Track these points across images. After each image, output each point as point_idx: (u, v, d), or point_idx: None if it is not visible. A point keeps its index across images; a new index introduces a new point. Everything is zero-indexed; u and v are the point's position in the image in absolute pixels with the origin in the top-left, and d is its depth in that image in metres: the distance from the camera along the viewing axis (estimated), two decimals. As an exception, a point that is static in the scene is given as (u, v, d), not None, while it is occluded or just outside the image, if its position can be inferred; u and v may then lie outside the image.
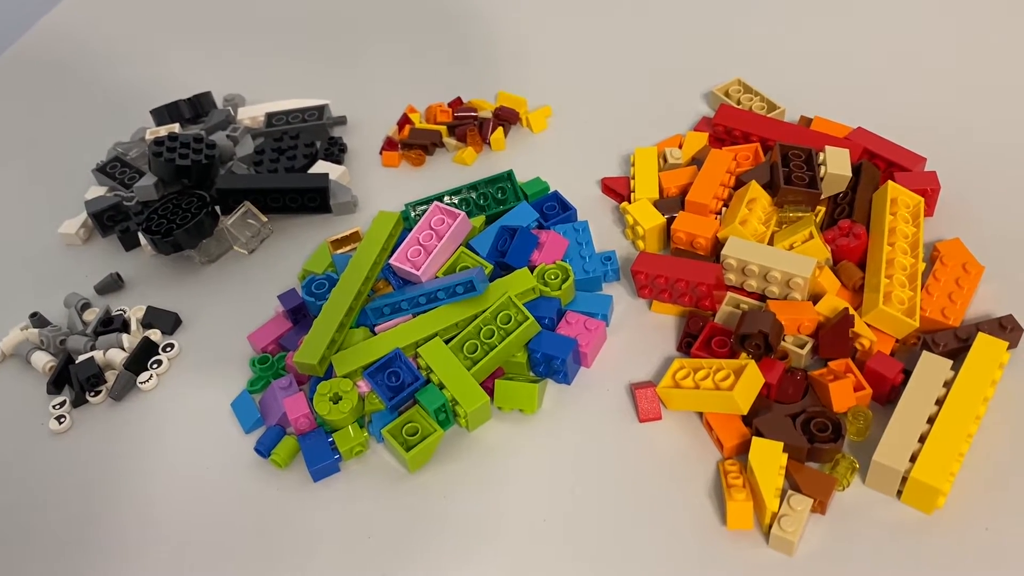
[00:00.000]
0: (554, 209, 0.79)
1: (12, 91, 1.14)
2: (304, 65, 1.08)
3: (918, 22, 0.96)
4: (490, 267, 0.72)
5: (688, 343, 0.68)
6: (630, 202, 0.79)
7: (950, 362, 0.61)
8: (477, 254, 0.74)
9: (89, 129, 1.03)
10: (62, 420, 0.71)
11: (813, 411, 0.61)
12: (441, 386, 0.65)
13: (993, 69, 0.89)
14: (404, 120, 0.93)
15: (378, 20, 1.13)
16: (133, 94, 1.07)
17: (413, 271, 0.71)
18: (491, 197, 0.81)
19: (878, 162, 0.77)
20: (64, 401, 0.73)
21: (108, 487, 0.67)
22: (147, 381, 0.73)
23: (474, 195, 0.81)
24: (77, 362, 0.73)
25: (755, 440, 0.59)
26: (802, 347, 0.64)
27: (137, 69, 1.12)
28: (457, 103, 0.94)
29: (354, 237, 0.81)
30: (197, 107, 0.98)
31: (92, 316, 0.79)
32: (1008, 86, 0.86)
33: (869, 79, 0.90)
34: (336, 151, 0.92)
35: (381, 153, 0.92)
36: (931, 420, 0.58)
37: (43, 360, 0.75)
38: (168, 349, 0.75)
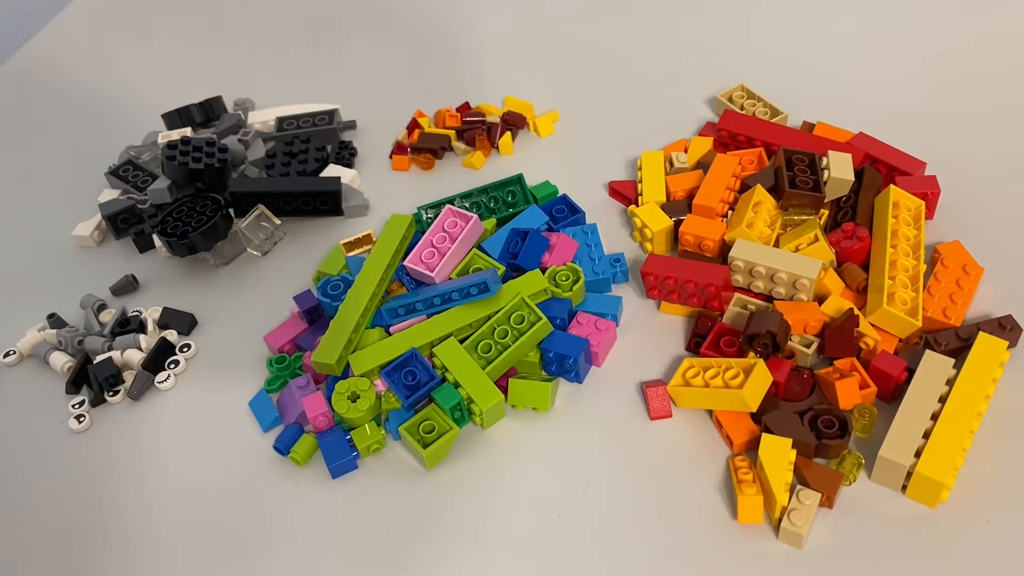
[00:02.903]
0: (563, 212, 0.80)
1: (24, 95, 1.14)
2: (313, 70, 1.09)
3: (919, 30, 0.98)
4: (502, 269, 0.74)
5: (697, 343, 0.69)
6: (638, 205, 0.81)
7: (952, 360, 0.62)
8: (489, 256, 0.75)
9: (101, 133, 1.04)
10: (81, 419, 0.72)
11: (820, 408, 0.62)
12: (456, 385, 0.67)
13: (992, 76, 0.91)
14: (413, 125, 0.95)
15: (387, 26, 1.14)
16: (144, 98, 1.08)
17: (427, 272, 0.72)
18: (501, 200, 0.82)
19: (879, 167, 0.79)
20: (83, 401, 0.74)
21: (127, 485, 0.68)
22: (165, 381, 0.74)
23: (485, 198, 0.83)
24: (95, 362, 0.75)
25: (764, 437, 0.60)
26: (808, 346, 0.66)
27: (147, 73, 1.14)
28: (465, 108, 0.96)
29: (366, 239, 0.83)
30: (208, 111, 1.00)
31: (108, 317, 0.80)
32: (1006, 93, 0.88)
33: (870, 85, 0.92)
34: (347, 155, 0.93)
35: (391, 157, 0.93)
36: (934, 417, 0.60)
37: (61, 360, 0.76)
38: (185, 349, 0.77)
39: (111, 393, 0.74)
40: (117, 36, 1.22)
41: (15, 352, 0.79)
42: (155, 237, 0.86)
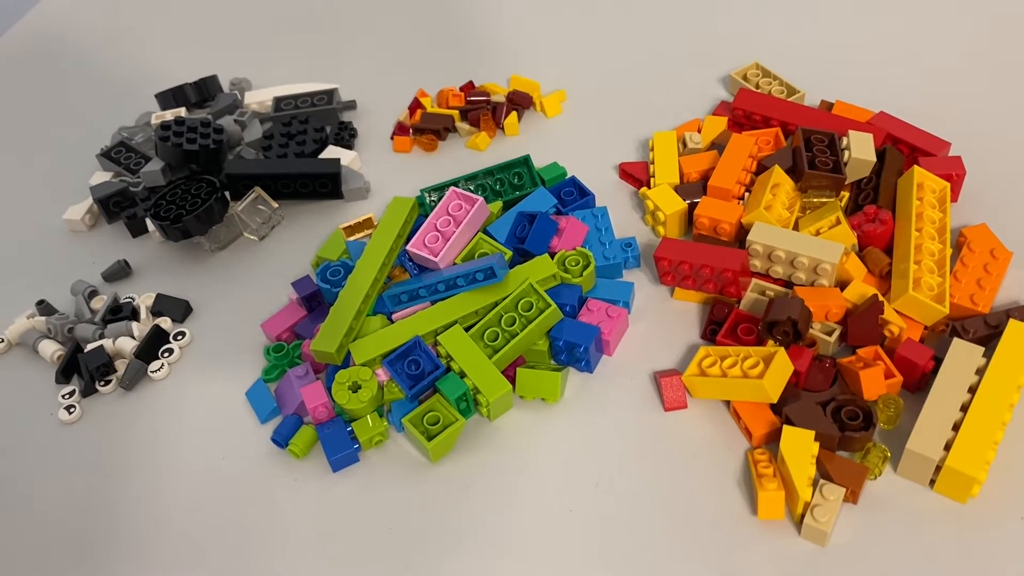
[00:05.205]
0: (572, 195, 0.77)
1: (14, 75, 1.12)
2: (312, 48, 1.06)
3: (940, 4, 0.95)
4: (509, 253, 0.71)
5: (713, 331, 0.67)
6: (649, 187, 0.78)
7: (982, 349, 0.60)
8: (495, 240, 0.73)
9: (93, 113, 1.01)
10: (72, 410, 0.70)
11: (843, 399, 0.60)
12: (462, 375, 0.64)
13: (1017, 52, 0.88)
14: (415, 105, 0.92)
15: (388, 3, 1.11)
16: (137, 78, 1.05)
17: (431, 257, 0.70)
18: (508, 183, 0.79)
19: (902, 147, 0.76)
20: (73, 391, 0.71)
21: (119, 479, 0.66)
22: (158, 370, 0.71)
23: (490, 180, 0.80)
24: (86, 351, 0.72)
25: (786, 428, 0.58)
26: (830, 334, 0.63)
27: (141, 52, 1.11)
28: (469, 87, 0.93)
29: (367, 223, 0.80)
30: (203, 91, 0.97)
31: (100, 304, 0.77)
32: (1030, 70, 0.86)
33: (891, 63, 0.89)
34: (346, 136, 0.91)
35: (392, 138, 0.91)
36: (964, 408, 0.57)
37: (51, 349, 0.74)
38: (179, 337, 0.74)
39: (102, 383, 0.71)
40: (110, 14, 1.19)
41: (3, 340, 0.76)
42: (148, 221, 0.83)
